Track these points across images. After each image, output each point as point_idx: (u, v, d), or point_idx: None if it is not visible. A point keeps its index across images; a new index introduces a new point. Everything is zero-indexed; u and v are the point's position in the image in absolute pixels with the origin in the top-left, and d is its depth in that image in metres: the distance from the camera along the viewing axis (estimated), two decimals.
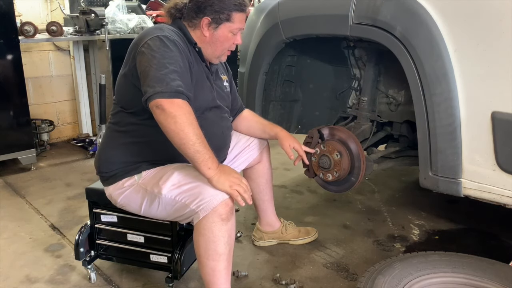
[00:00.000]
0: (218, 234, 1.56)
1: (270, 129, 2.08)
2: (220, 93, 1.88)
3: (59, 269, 2.10)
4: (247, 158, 2.10)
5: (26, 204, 2.81)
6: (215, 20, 1.71)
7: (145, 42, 1.62)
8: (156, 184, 1.66)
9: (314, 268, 2.12)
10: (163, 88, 1.52)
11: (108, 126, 1.82)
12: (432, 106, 1.75)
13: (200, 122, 1.70)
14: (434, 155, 1.79)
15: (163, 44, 1.60)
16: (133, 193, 1.72)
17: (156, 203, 1.67)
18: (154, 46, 1.59)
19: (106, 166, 1.77)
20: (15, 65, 3.14)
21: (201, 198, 1.57)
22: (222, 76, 1.96)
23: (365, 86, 2.32)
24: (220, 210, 1.55)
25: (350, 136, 2.07)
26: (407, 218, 2.60)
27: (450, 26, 1.69)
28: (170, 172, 1.67)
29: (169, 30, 1.69)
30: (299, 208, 2.75)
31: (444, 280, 1.67)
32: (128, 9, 3.84)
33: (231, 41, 1.78)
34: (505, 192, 1.68)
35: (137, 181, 1.72)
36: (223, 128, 1.87)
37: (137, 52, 1.63)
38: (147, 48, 1.60)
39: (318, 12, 2.10)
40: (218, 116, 1.84)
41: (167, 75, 1.54)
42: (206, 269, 1.62)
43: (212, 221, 1.55)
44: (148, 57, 1.58)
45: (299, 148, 2.07)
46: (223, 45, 1.77)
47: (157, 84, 1.53)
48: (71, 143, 4.04)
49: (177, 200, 1.61)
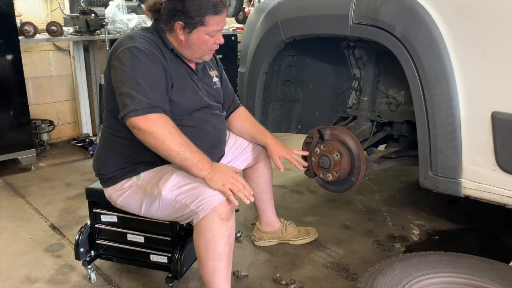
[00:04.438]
0: (218, 233, 1.57)
1: (260, 138, 2.04)
2: (209, 91, 1.85)
3: (59, 269, 2.10)
4: (246, 158, 2.09)
5: (26, 204, 2.81)
6: (188, 24, 1.65)
7: (117, 55, 1.62)
8: (155, 185, 1.66)
9: (314, 268, 2.12)
10: (135, 105, 1.53)
11: (103, 129, 1.82)
12: (432, 106, 1.75)
13: (190, 122, 1.70)
14: (434, 155, 1.79)
15: (133, 56, 1.59)
16: (132, 195, 1.72)
17: (156, 204, 1.67)
18: (124, 60, 1.59)
19: (103, 169, 1.78)
20: (15, 65, 3.14)
21: (201, 199, 1.57)
22: (211, 72, 1.91)
23: (365, 86, 2.32)
24: (220, 210, 1.56)
25: (350, 136, 2.07)
26: (407, 218, 2.60)
27: (450, 26, 1.69)
28: (169, 173, 1.67)
29: (141, 38, 1.66)
30: (299, 208, 2.75)
31: (444, 280, 1.66)
32: (128, 9, 3.84)
33: (209, 43, 1.72)
34: (505, 192, 1.68)
35: (136, 183, 1.72)
36: (215, 125, 1.84)
37: (111, 65, 1.64)
38: (118, 62, 1.60)
39: (318, 12, 2.10)
40: (208, 114, 1.82)
41: (139, 91, 1.55)
42: (206, 268, 1.62)
43: (212, 221, 1.56)
44: (119, 72, 1.59)
45: (290, 158, 2.02)
46: (200, 47, 1.71)
47: (129, 101, 1.54)
48: (71, 143, 4.04)
49: (177, 201, 1.62)
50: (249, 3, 5.08)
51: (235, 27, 4.64)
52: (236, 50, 4.33)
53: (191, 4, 1.62)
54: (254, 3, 4.78)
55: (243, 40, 2.69)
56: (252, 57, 2.50)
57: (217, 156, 1.89)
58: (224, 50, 4.05)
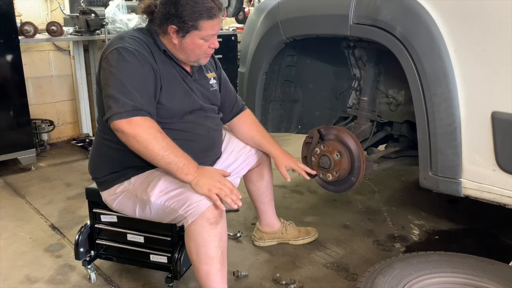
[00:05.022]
0: (207, 238, 1.55)
1: (267, 147, 2.02)
2: (203, 93, 1.81)
3: (59, 269, 2.10)
4: (248, 162, 2.06)
5: (26, 204, 2.81)
6: (181, 28, 1.62)
7: (105, 56, 1.60)
8: (144, 191, 1.66)
9: (314, 268, 2.12)
10: (119, 108, 1.51)
11: (96, 132, 1.82)
12: (432, 106, 1.75)
13: (181, 126, 1.68)
14: (434, 155, 1.79)
15: (121, 58, 1.57)
16: (125, 199, 1.72)
17: (148, 209, 1.67)
18: (112, 61, 1.57)
19: (97, 172, 1.78)
20: (15, 65, 3.14)
21: (189, 204, 1.56)
22: (209, 74, 1.88)
23: (365, 86, 2.32)
24: (208, 215, 1.54)
25: (350, 136, 2.07)
26: (407, 218, 2.60)
27: (450, 26, 1.69)
28: (157, 178, 1.66)
29: (131, 38, 1.63)
30: (299, 208, 2.75)
31: (444, 280, 1.67)
32: (128, 9, 3.83)
33: (203, 47, 1.68)
34: (505, 192, 1.68)
35: (128, 187, 1.71)
36: (208, 128, 1.81)
37: (101, 67, 1.63)
38: (106, 63, 1.59)
39: (318, 12, 2.10)
40: (201, 117, 1.78)
41: (124, 93, 1.53)
42: (200, 273, 1.62)
43: (201, 226, 1.54)
44: (107, 73, 1.58)
45: (297, 168, 2.02)
46: (194, 52, 1.68)
47: (113, 104, 1.52)
48: (71, 143, 4.04)
49: (166, 206, 1.61)
50: (249, 3, 5.08)
51: (235, 27, 4.64)
52: (236, 50, 4.33)
53: (184, 8, 1.58)
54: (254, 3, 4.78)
55: (243, 40, 2.69)
56: (252, 57, 2.50)
57: (211, 159, 1.87)
58: (224, 50, 4.05)
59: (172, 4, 1.60)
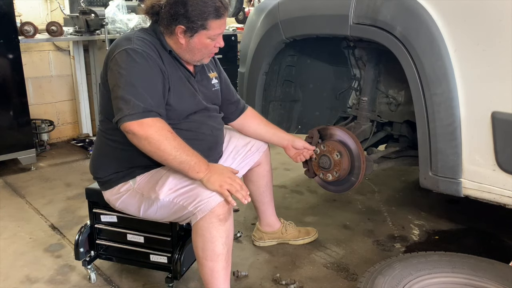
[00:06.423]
0: (216, 234, 1.56)
1: (282, 134, 2.09)
2: (206, 94, 1.82)
3: (59, 269, 2.10)
4: (248, 162, 2.06)
5: (26, 204, 2.81)
6: (189, 28, 1.62)
7: (113, 56, 1.60)
8: (152, 189, 1.66)
9: (314, 268, 2.12)
10: (130, 110, 1.51)
11: (98, 132, 1.81)
12: (432, 106, 1.75)
13: (187, 126, 1.68)
14: (434, 155, 1.79)
15: (130, 59, 1.56)
16: (130, 198, 1.72)
17: (154, 207, 1.66)
18: (121, 62, 1.57)
19: (99, 172, 1.78)
20: (15, 65, 3.14)
21: (199, 200, 1.56)
22: (210, 74, 1.89)
23: (365, 86, 2.32)
24: (218, 211, 1.55)
25: (350, 136, 2.07)
26: (407, 218, 2.60)
27: (450, 26, 1.69)
28: (165, 176, 1.66)
29: (138, 39, 1.63)
30: (299, 208, 2.75)
31: (444, 280, 1.67)
32: (128, 9, 3.84)
33: (210, 46, 1.69)
34: (505, 192, 1.68)
35: (133, 186, 1.71)
36: (212, 128, 1.82)
37: (108, 67, 1.62)
38: (115, 65, 1.58)
39: (318, 12, 2.10)
40: (205, 116, 1.80)
41: (134, 95, 1.52)
42: (205, 269, 1.62)
43: (209, 222, 1.55)
44: (115, 74, 1.57)
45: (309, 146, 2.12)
46: (201, 51, 1.69)
47: (124, 106, 1.52)
48: (71, 143, 4.04)
49: (175, 203, 1.61)
50: (249, 3, 5.09)
51: (235, 27, 4.64)
52: (236, 50, 4.33)
53: (193, 8, 1.59)
54: (254, 3, 4.78)
55: (243, 40, 2.69)
56: (252, 57, 2.50)
57: (215, 157, 1.88)
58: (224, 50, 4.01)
59: (182, 4, 1.60)
